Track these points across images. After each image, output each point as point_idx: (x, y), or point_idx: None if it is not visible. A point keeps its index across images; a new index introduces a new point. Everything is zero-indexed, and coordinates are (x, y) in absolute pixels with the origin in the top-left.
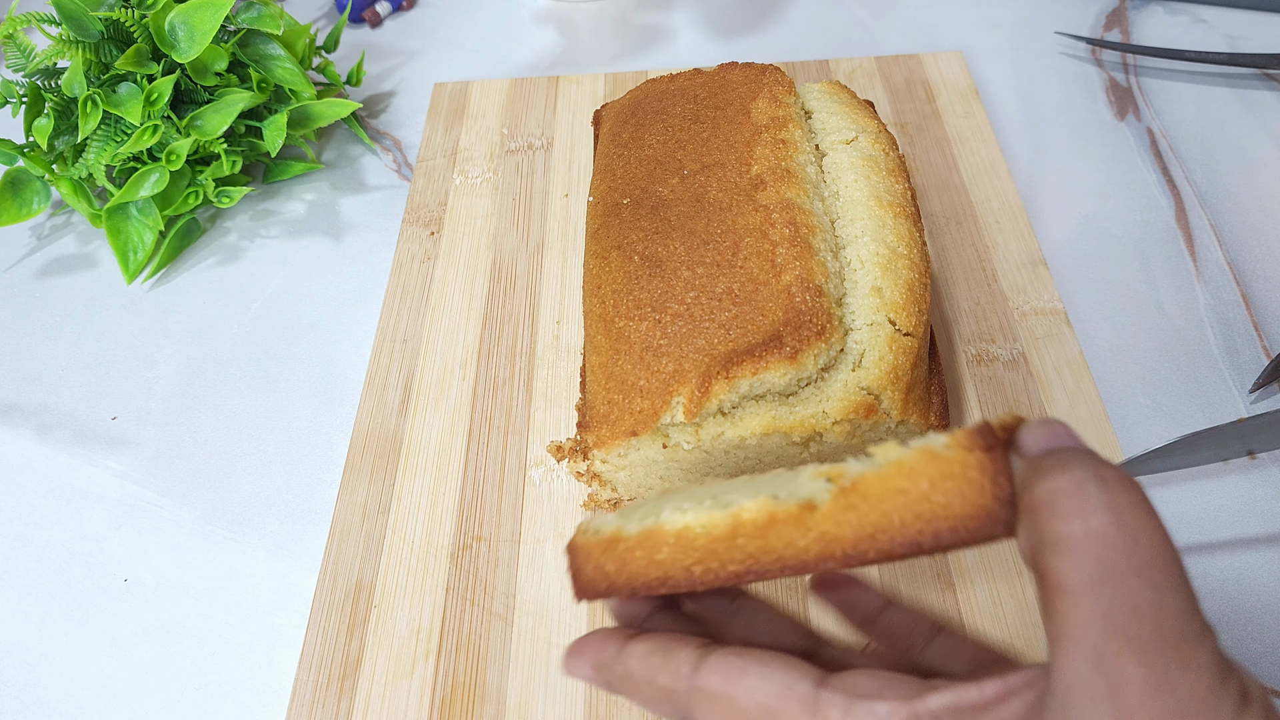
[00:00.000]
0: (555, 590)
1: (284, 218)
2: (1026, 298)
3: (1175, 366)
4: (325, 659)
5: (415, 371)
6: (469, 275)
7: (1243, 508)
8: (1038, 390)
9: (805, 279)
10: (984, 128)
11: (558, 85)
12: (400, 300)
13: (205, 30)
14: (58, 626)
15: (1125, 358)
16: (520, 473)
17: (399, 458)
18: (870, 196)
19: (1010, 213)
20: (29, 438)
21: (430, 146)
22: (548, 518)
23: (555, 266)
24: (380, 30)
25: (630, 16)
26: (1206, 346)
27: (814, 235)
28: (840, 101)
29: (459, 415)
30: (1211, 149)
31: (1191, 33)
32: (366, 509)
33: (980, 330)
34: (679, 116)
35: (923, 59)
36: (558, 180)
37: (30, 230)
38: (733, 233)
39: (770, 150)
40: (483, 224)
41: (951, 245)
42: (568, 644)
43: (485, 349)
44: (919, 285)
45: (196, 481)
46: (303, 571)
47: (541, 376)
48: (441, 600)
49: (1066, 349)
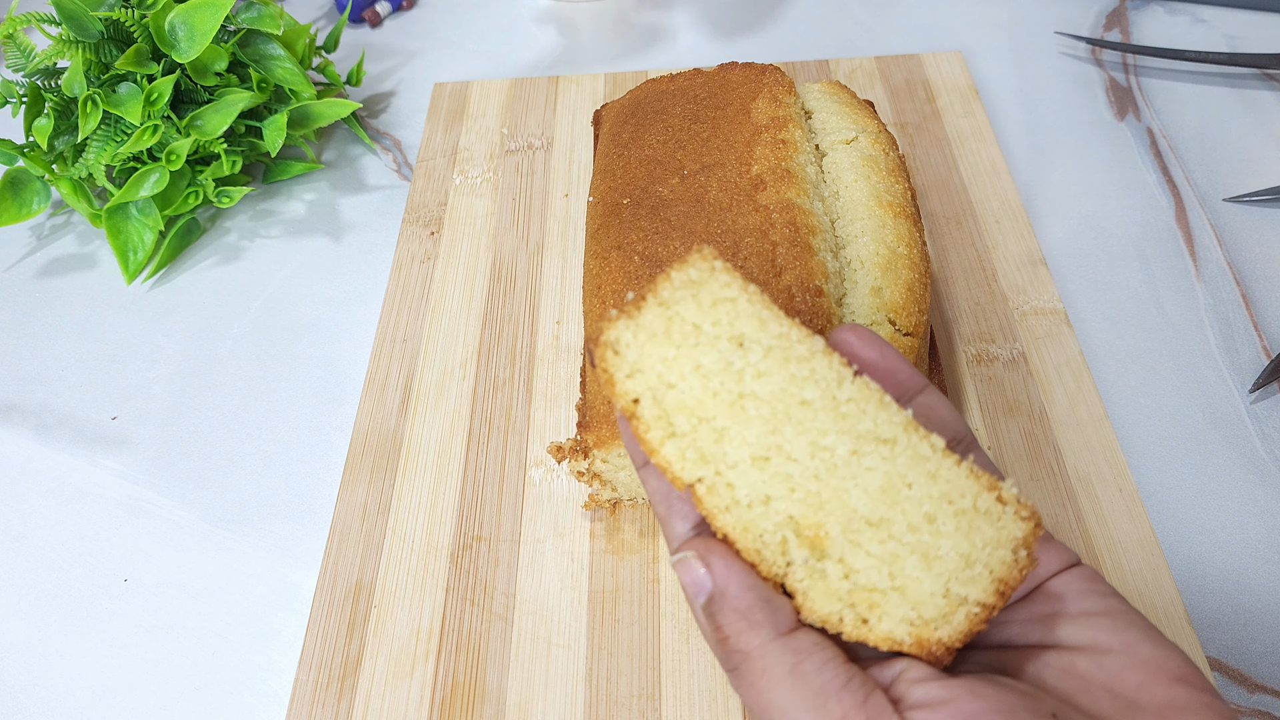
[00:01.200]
0: (555, 590)
1: (284, 218)
2: (1026, 298)
3: (1175, 366)
4: (325, 659)
5: (415, 372)
6: (469, 275)
7: (1242, 507)
8: (1037, 390)
9: (805, 280)
10: (984, 128)
11: (558, 85)
12: (400, 300)
13: (205, 30)
14: (57, 626)
15: (1125, 358)
16: (520, 473)
17: (399, 458)
18: (870, 197)
19: (1010, 213)
20: (29, 438)
21: (430, 146)
22: (548, 518)
23: (555, 266)
24: (380, 30)
25: (630, 16)
26: (1206, 346)
27: (814, 236)
28: (840, 102)
29: (459, 415)
30: (1212, 149)
31: (1192, 33)
32: (366, 509)
33: (980, 330)
34: (679, 117)
35: (923, 59)
36: (558, 180)
37: (30, 230)
38: (733, 233)
39: (770, 150)
40: (483, 224)
41: (951, 245)
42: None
43: (485, 349)
44: (919, 285)
45: (196, 481)
46: (303, 571)
47: (541, 376)
48: (441, 600)
49: (1066, 349)
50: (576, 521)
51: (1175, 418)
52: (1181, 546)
